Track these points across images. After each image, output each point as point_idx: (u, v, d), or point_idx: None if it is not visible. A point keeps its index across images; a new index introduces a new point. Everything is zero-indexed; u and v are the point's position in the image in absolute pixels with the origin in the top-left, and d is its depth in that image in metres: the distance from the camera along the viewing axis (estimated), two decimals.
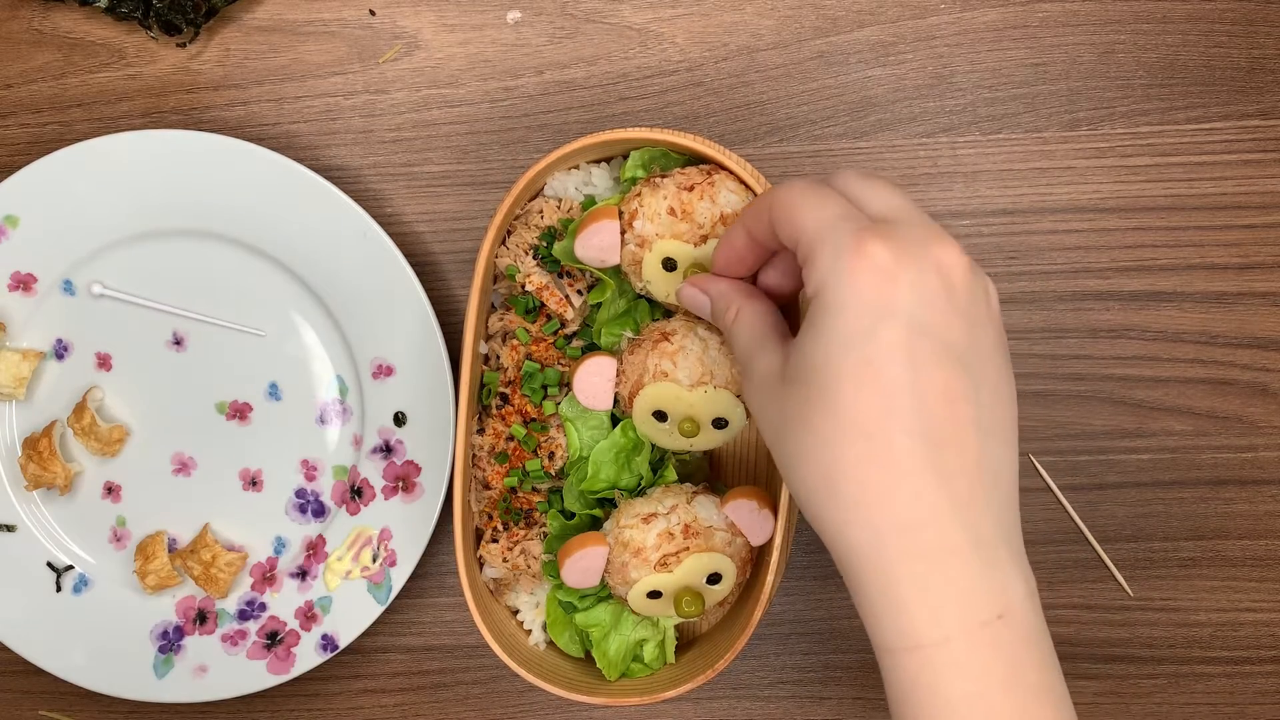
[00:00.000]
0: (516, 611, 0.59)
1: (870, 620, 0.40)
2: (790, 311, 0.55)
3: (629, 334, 0.56)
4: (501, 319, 0.58)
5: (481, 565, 0.59)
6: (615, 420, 0.57)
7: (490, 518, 0.58)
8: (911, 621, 0.39)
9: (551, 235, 0.56)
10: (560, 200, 0.57)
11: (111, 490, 0.63)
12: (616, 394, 0.55)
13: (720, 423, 0.53)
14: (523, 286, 0.57)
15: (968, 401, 0.39)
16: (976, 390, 0.39)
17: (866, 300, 0.39)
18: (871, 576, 0.39)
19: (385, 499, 0.62)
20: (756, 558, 0.57)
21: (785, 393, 0.41)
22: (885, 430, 0.38)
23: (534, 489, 0.58)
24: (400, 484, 0.61)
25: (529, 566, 0.58)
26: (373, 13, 0.64)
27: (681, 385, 0.52)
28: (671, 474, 0.56)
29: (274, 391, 0.62)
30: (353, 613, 0.61)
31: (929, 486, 0.38)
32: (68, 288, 0.62)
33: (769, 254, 0.47)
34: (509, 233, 0.58)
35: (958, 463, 0.39)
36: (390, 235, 0.60)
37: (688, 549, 0.53)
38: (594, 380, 0.54)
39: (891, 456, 0.38)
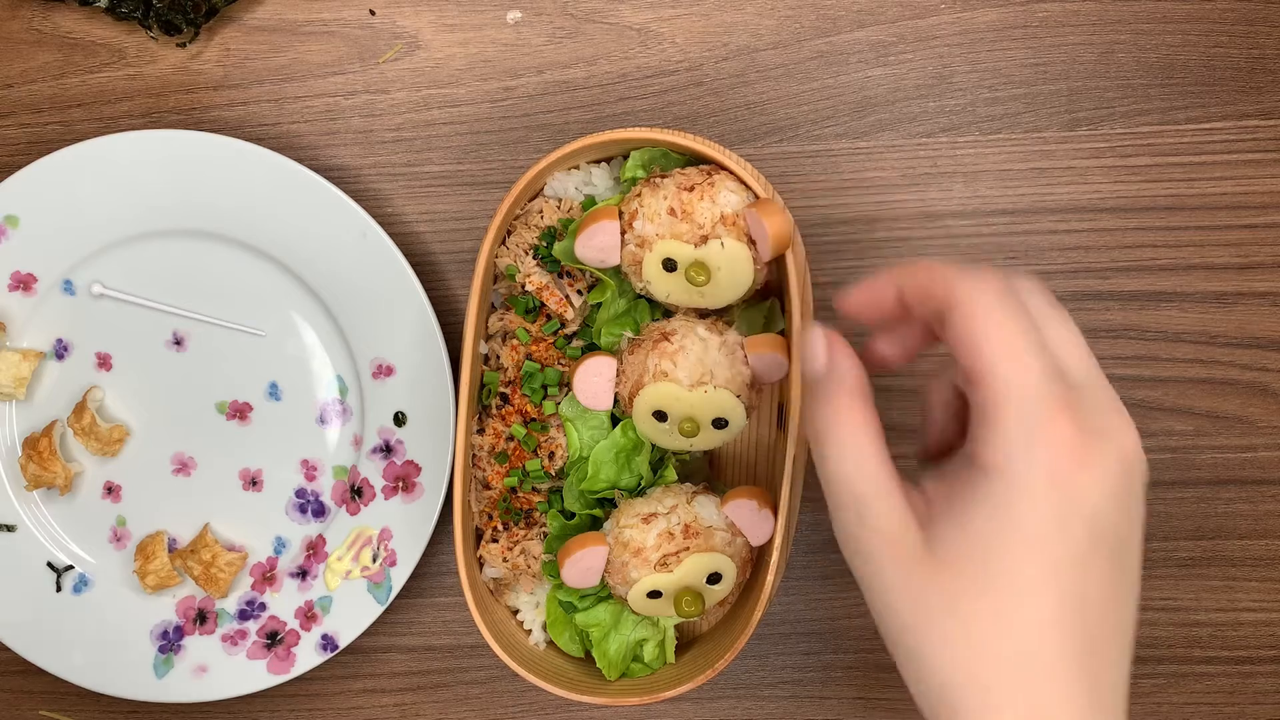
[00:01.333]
0: (516, 611, 0.59)
1: None
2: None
3: (629, 334, 0.56)
4: (501, 319, 0.58)
5: (481, 565, 0.59)
6: (615, 420, 0.57)
7: (490, 518, 0.58)
8: None
9: (551, 235, 0.56)
10: (560, 200, 0.57)
11: (111, 490, 0.63)
12: (616, 394, 0.55)
13: (720, 423, 0.53)
14: (523, 286, 0.57)
15: (1122, 604, 0.38)
16: (1129, 589, 0.38)
17: (1055, 490, 0.36)
18: None
19: (385, 499, 0.62)
20: (756, 558, 0.57)
21: (933, 573, 0.37)
22: (1050, 639, 0.37)
23: (534, 489, 0.58)
24: (400, 484, 0.61)
25: (529, 566, 0.58)
26: (373, 13, 0.64)
27: (681, 385, 0.52)
28: (671, 474, 0.56)
29: (274, 391, 0.62)
30: (353, 613, 0.61)
31: (1079, 698, 0.37)
32: (68, 288, 0.62)
33: (901, 319, 0.42)
34: (509, 233, 0.58)
35: (1106, 673, 0.38)
36: (390, 235, 0.60)
37: (688, 549, 0.53)
38: (594, 380, 0.54)
39: (1050, 666, 0.37)
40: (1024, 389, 0.37)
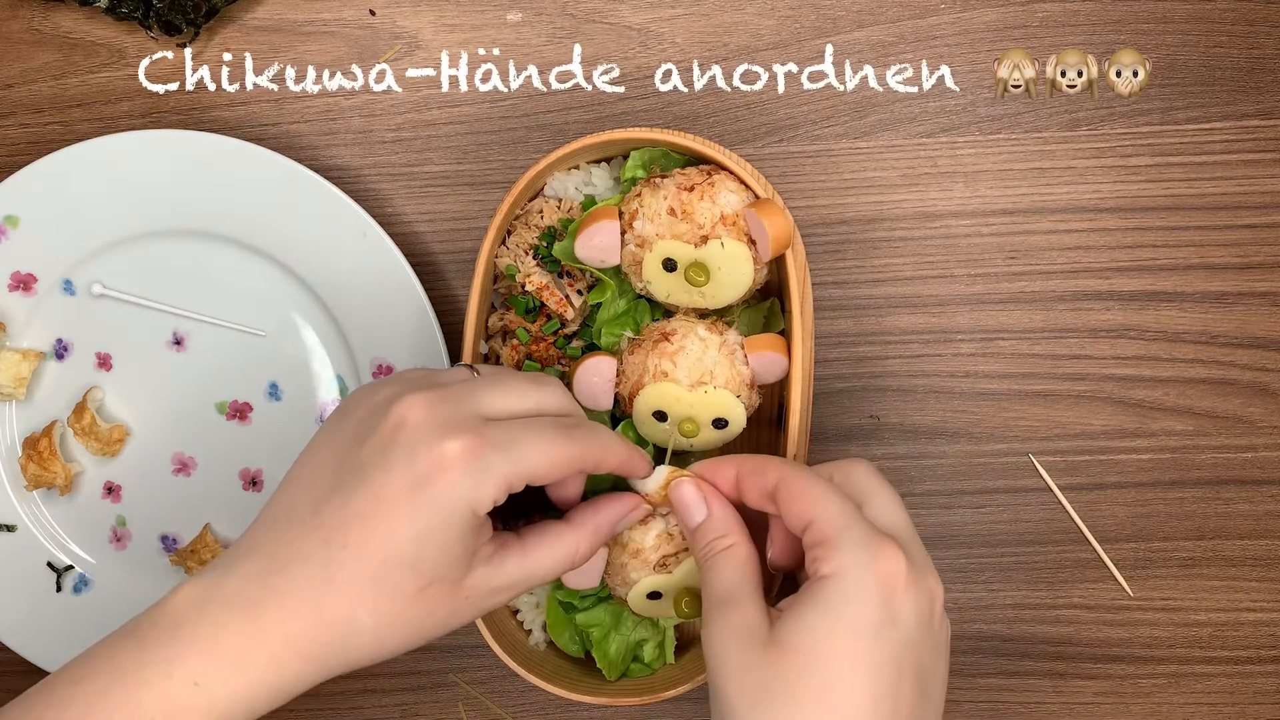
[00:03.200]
0: (516, 611, 0.59)
1: None
2: None
3: (629, 334, 0.56)
4: (501, 319, 0.58)
5: None
6: (615, 420, 0.57)
7: None
8: None
9: (551, 235, 0.57)
10: (560, 200, 0.57)
11: (111, 490, 0.63)
12: (616, 394, 0.55)
13: (720, 423, 0.53)
14: (523, 286, 0.57)
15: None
16: (925, 714, 0.43)
17: (882, 600, 0.42)
18: None
19: None
20: None
21: (772, 656, 0.42)
22: None
23: None
24: None
25: None
26: (373, 13, 0.64)
27: (681, 385, 0.52)
28: None
29: (274, 391, 0.62)
30: None
31: None
32: (68, 288, 0.62)
33: (738, 501, 0.49)
34: (509, 233, 0.58)
35: None
36: (390, 235, 0.60)
37: (687, 550, 0.53)
38: (594, 380, 0.54)
39: None
40: (851, 520, 0.44)
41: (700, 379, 0.52)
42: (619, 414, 0.56)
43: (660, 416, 0.53)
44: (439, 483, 0.42)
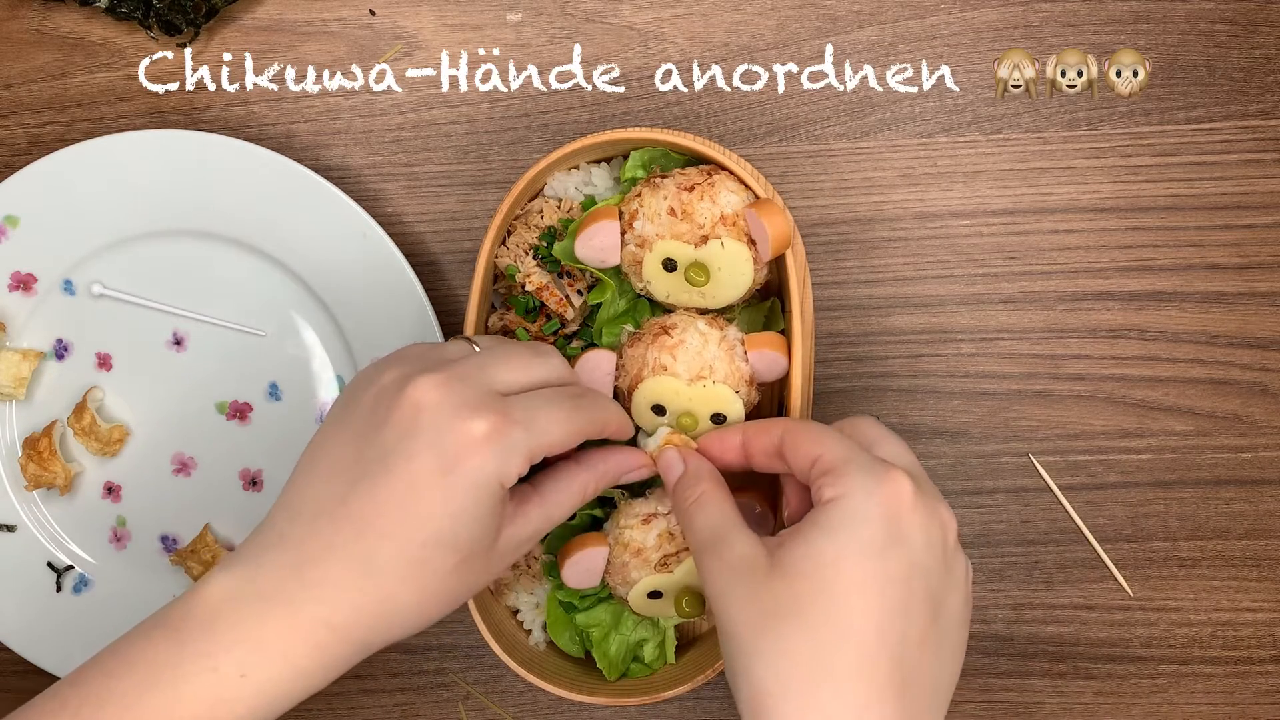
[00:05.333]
0: (516, 611, 0.59)
1: None
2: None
3: (629, 328, 0.56)
4: (501, 319, 0.58)
5: None
6: None
7: None
8: None
9: (551, 235, 0.57)
10: (560, 200, 0.57)
11: (111, 490, 0.63)
12: (616, 387, 0.55)
13: (718, 418, 0.53)
14: (523, 286, 0.57)
15: (933, 650, 0.42)
16: (939, 644, 0.43)
17: (887, 520, 0.42)
18: None
19: None
20: None
21: (775, 583, 0.42)
22: (876, 649, 0.41)
23: None
24: None
25: (529, 566, 0.58)
26: (373, 13, 0.64)
27: (680, 379, 0.52)
28: None
29: (274, 391, 0.62)
30: None
31: (894, 714, 0.41)
32: (68, 288, 0.62)
33: (749, 467, 0.50)
34: (509, 233, 0.58)
35: (918, 701, 0.42)
36: (390, 235, 0.60)
37: (688, 549, 0.53)
38: (593, 374, 0.54)
39: (875, 676, 0.41)
40: (855, 453, 0.44)
41: (699, 373, 0.52)
42: None
43: (659, 410, 0.53)
44: (469, 464, 0.43)
